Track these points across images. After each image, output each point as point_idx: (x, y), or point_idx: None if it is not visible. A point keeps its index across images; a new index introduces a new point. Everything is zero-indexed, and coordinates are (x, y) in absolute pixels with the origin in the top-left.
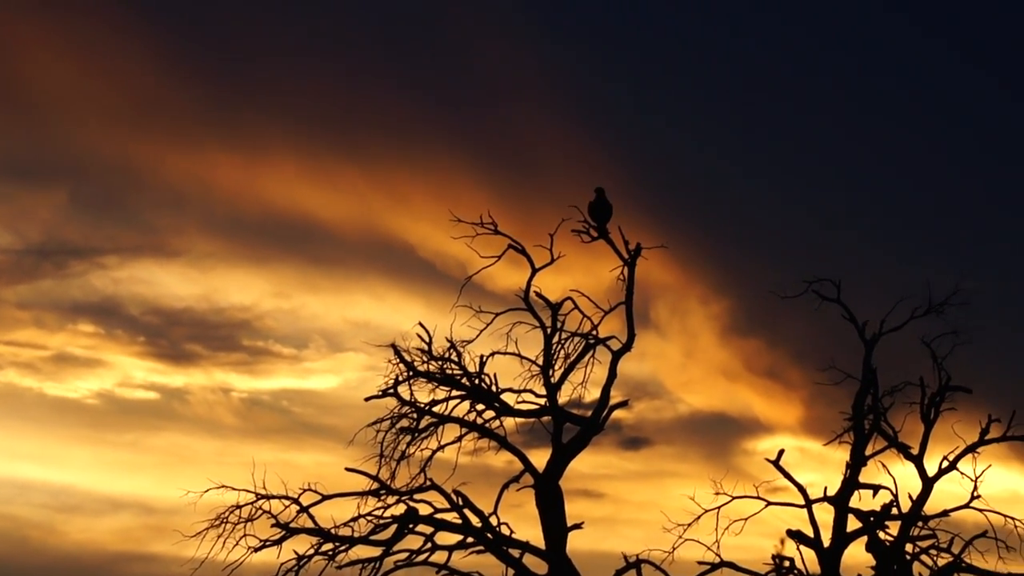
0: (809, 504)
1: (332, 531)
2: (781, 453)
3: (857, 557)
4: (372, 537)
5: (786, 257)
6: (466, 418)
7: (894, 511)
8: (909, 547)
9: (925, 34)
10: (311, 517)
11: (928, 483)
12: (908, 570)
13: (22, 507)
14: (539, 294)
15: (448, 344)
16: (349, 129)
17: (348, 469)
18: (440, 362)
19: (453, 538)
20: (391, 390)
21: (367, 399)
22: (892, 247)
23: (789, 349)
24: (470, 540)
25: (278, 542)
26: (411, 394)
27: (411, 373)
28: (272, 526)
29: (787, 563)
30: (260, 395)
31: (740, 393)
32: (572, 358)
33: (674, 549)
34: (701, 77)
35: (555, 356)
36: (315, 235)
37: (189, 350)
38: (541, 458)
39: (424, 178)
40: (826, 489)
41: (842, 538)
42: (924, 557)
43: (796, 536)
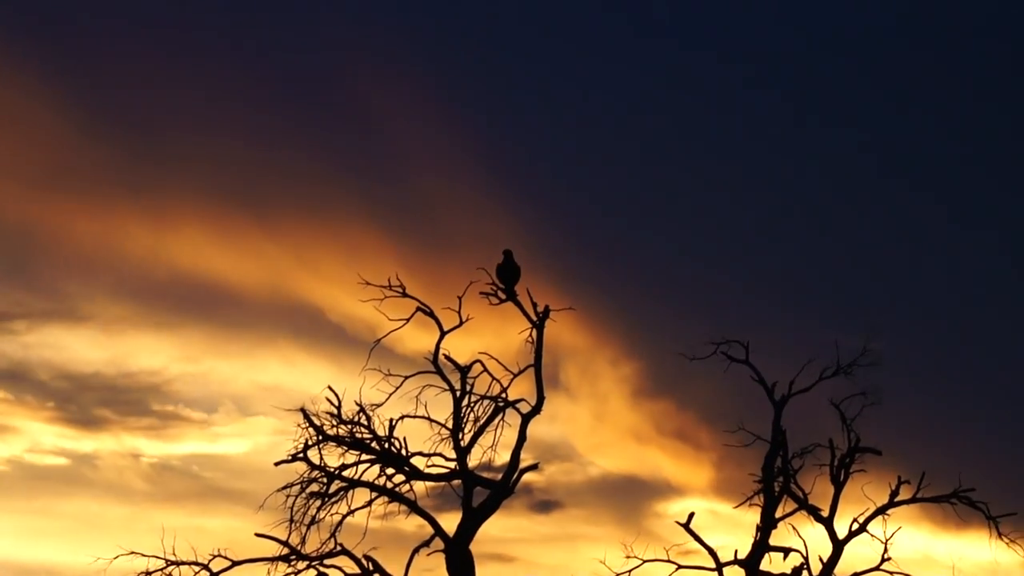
0: (720, 567)
1: None
2: (691, 516)
3: None
4: None
5: (695, 318)
6: (376, 482)
7: (805, 574)
8: None
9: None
10: None
11: (839, 545)
12: None
13: None
14: (448, 357)
15: (357, 408)
16: (257, 193)
17: (258, 535)
18: (349, 426)
19: None
20: (301, 454)
21: (277, 464)
22: (800, 308)
23: (699, 411)
24: None
25: None
26: (321, 458)
27: (321, 437)
28: None
29: None
30: (170, 460)
31: (650, 455)
32: (482, 421)
33: None
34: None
35: (465, 419)
36: (224, 299)
37: (99, 415)
38: (452, 522)
39: (332, 241)
40: (736, 552)
41: None
42: None
43: None
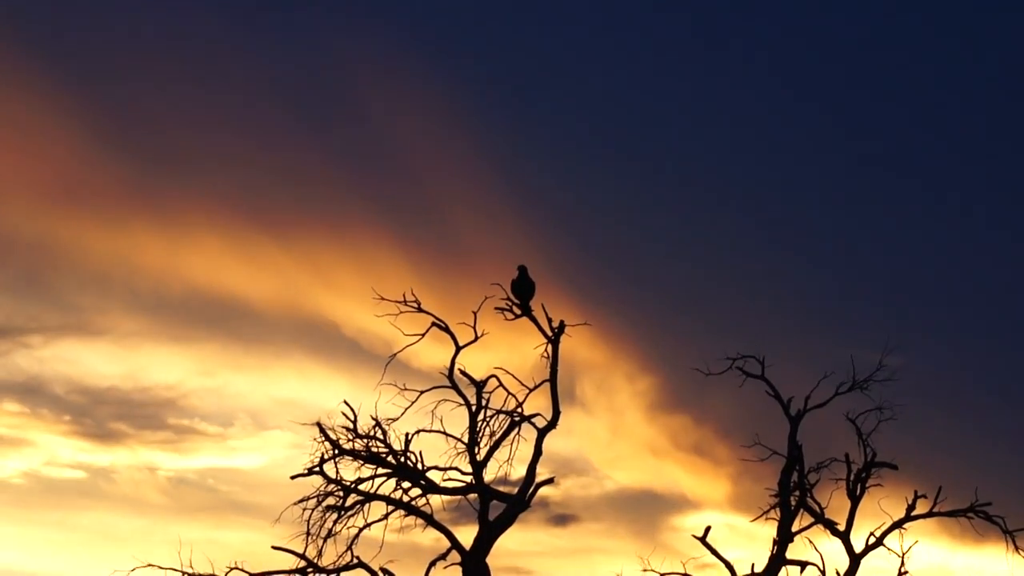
0: None
1: None
2: (708, 530)
3: None
4: None
5: (711, 334)
6: (392, 496)
7: None
8: None
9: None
10: None
11: (855, 559)
12: None
13: None
14: (463, 372)
15: (373, 422)
16: (273, 208)
17: (275, 547)
18: (365, 440)
19: None
20: (317, 468)
21: (293, 477)
22: (816, 324)
23: (715, 426)
24: None
25: None
26: (337, 472)
27: (336, 451)
28: None
29: None
30: (186, 473)
31: (667, 470)
32: (497, 435)
33: None
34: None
35: (480, 434)
36: (240, 313)
37: (115, 429)
38: (468, 535)
39: (348, 256)
40: (753, 566)
41: None
42: None
43: None
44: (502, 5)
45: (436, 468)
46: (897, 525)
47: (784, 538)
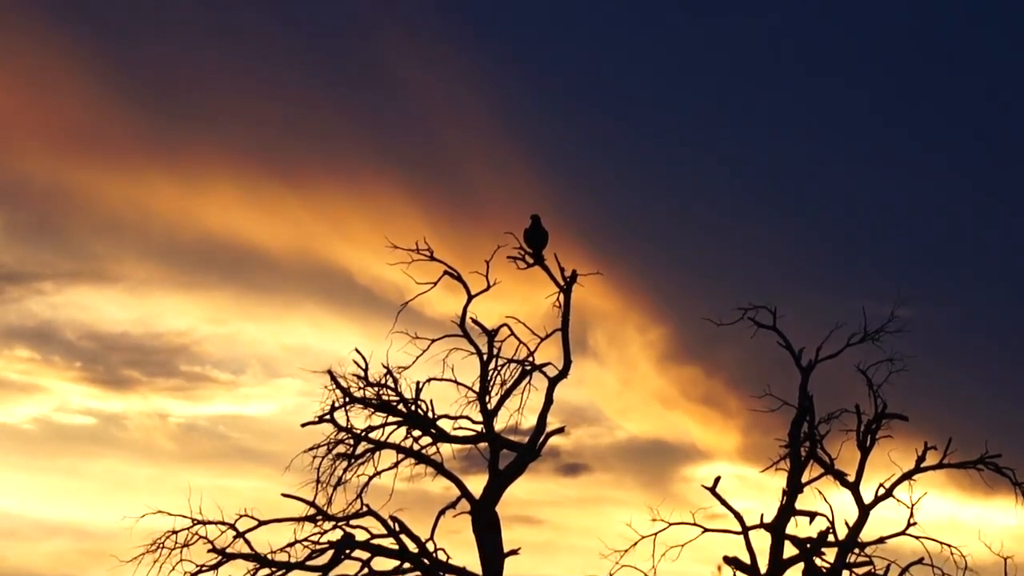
0: (746, 531)
1: (269, 556)
2: (717, 480)
3: None
4: (309, 563)
5: (723, 284)
6: (403, 444)
7: (831, 538)
8: (846, 574)
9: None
10: (247, 543)
11: (864, 510)
12: None
13: None
14: (475, 321)
15: (384, 370)
16: (288, 156)
17: (284, 495)
18: (376, 388)
19: (390, 564)
20: (327, 416)
21: (304, 425)
22: (827, 275)
23: (726, 376)
24: (407, 566)
25: (214, 567)
26: (348, 420)
27: (347, 399)
28: (208, 551)
29: None
30: (197, 420)
31: (678, 420)
32: (508, 384)
33: (611, 575)
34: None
35: (491, 383)
36: (253, 261)
37: (126, 375)
38: (478, 484)
39: (361, 204)
40: (763, 516)
41: (779, 565)
42: None
43: (733, 563)
44: None
45: (447, 417)
46: (907, 477)
47: (794, 489)
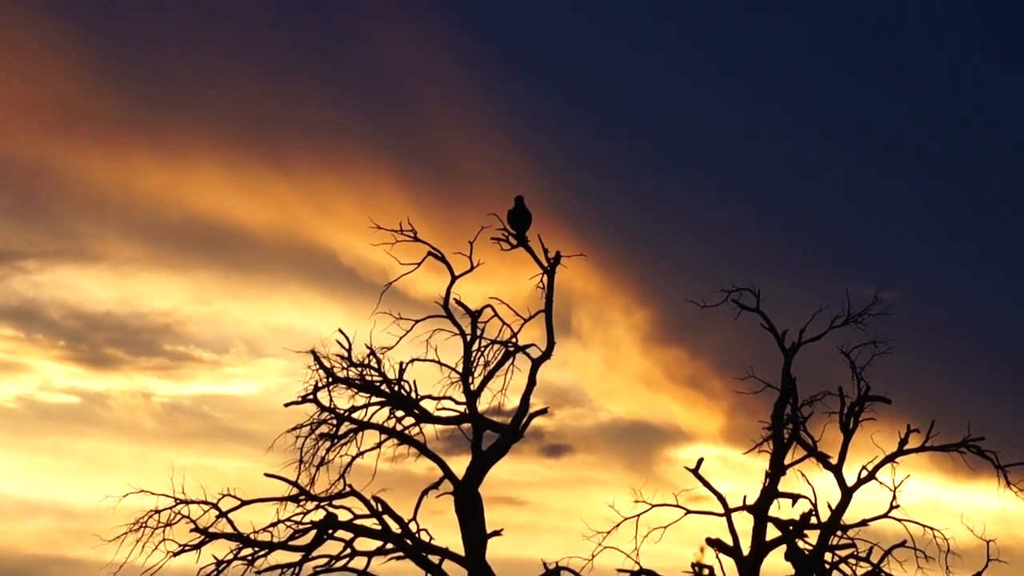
0: (728, 513)
1: (251, 536)
2: (700, 462)
3: (777, 566)
4: (291, 543)
5: (707, 266)
6: (386, 425)
7: (813, 520)
8: (828, 556)
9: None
10: (230, 522)
11: (847, 492)
12: None
13: None
14: (459, 301)
15: (368, 351)
16: (272, 136)
17: (267, 475)
18: (360, 368)
19: (372, 544)
20: (310, 396)
21: (287, 405)
22: (811, 257)
23: (710, 358)
24: (389, 546)
25: (197, 547)
26: (331, 400)
27: (331, 379)
28: (191, 531)
29: (706, 571)
30: (181, 400)
31: (661, 402)
32: (492, 365)
33: (593, 557)
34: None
35: (475, 363)
36: (237, 241)
37: (110, 355)
38: (461, 465)
39: (346, 185)
40: (745, 498)
41: (761, 547)
42: (843, 566)
43: (715, 544)
44: None
45: (430, 397)
46: (889, 459)
47: (776, 471)
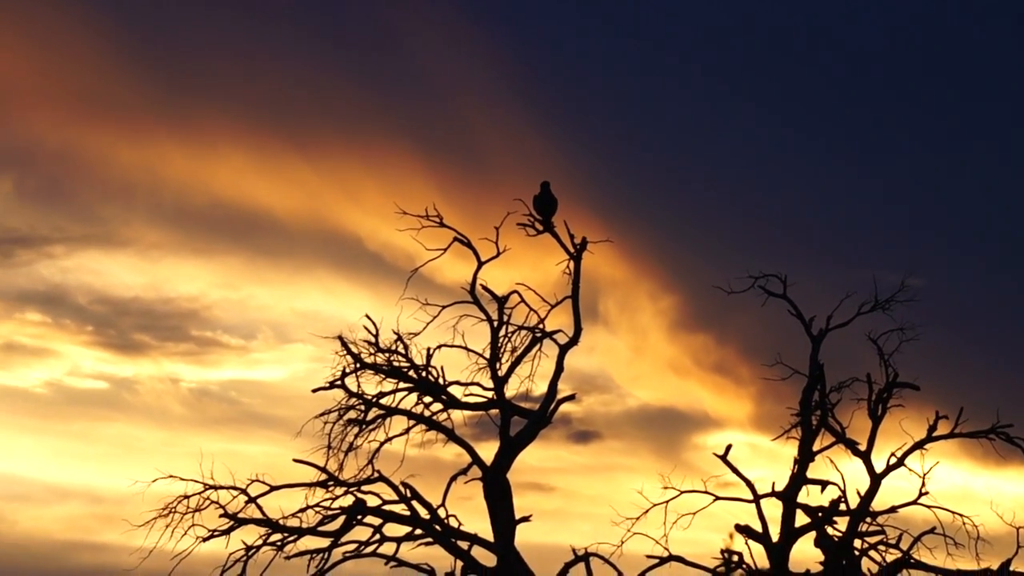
0: (757, 499)
1: (280, 522)
2: (729, 448)
3: (806, 552)
4: (320, 528)
5: (734, 252)
6: (413, 410)
7: (842, 507)
8: (858, 543)
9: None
10: (259, 508)
11: (876, 479)
12: (856, 566)
13: None
14: (485, 287)
15: (395, 336)
16: (298, 122)
17: (296, 460)
18: (387, 354)
19: (401, 530)
20: (338, 382)
21: (314, 391)
22: (838, 243)
23: (737, 345)
24: (418, 532)
25: (226, 532)
26: (358, 386)
27: (358, 365)
28: (220, 516)
29: (735, 557)
30: (208, 385)
31: (690, 388)
32: (519, 351)
33: (622, 543)
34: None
35: (502, 349)
36: (263, 226)
37: (137, 340)
38: (489, 451)
39: (372, 170)
40: (774, 484)
41: (790, 533)
42: (872, 553)
43: (744, 531)
44: None
45: (457, 383)
46: (918, 446)
47: (805, 457)
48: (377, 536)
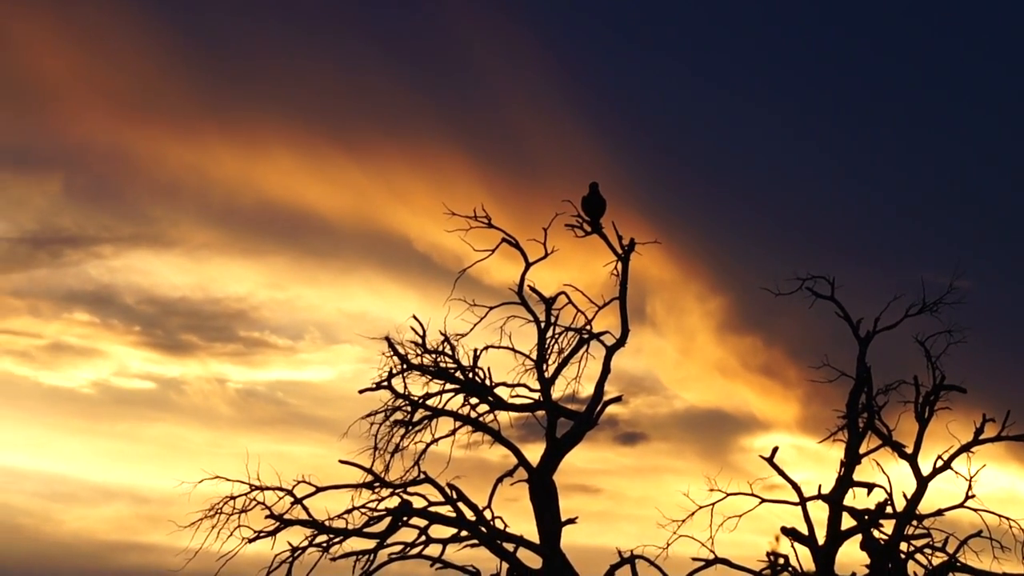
0: (803, 502)
1: (326, 523)
2: (775, 451)
3: (852, 555)
4: (366, 529)
5: (782, 253)
6: (460, 412)
7: (888, 510)
8: (904, 546)
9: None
10: (305, 509)
11: (922, 482)
12: (903, 569)
13: (15, 495)
14: (533, 288)
15: (442, 337)
16: (347, 122)
17: (342, 461)
18: (434, 355)
19: (447, 531)
20: (385, 383)
21: (361, 391)
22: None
23: (785, 347)
24: (464, 534)
25: (272, 533)
26: (405, 387)
27: (405, 366)
28: (266, 517)
29: (781, 560)
30: (255, 386)
31: (736, 390)
32: (566, 353)
33: (668, 545)
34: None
35: (549, 351)
36: (311, 227)
37: (185, 340)
38: (535, 452)
39: (420, 170)
40: (820, 487)
41: (836, 536)
42: (919, 556)
43: (790, 533)
44: None
45: (504, 384)
46: (965, 449)
47: (851, 460)
48: (423, 538)
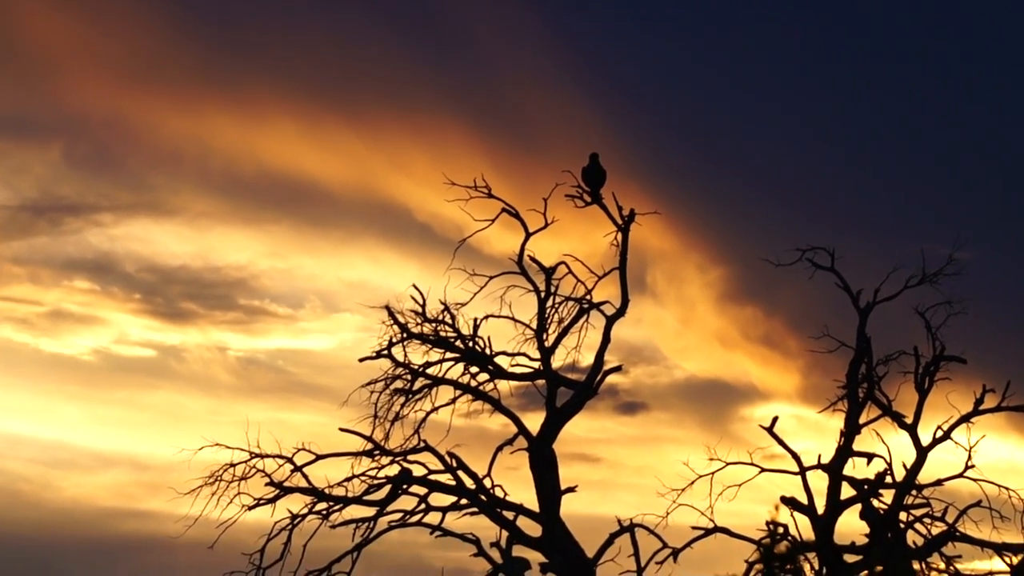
0: (803, 471)
1: (326, 491)
2: (775, 420)
3: (851, 525)
4: (366, 497)
5: (782, 224)
6: (460, 380)
7: (888, 480)
8: (903, 515)
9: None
10: (305, 476)
11: (922, 452)
12: (902, 538)
13: (15, 462)
14: (533, 258)
15: (442, 306)
16: (348, 91)
17: (342, 429)
18: (434, 324)
19: (447, 499)
20: (385, 351)
21: (361, 360)
22: (886, 216)
23: (785, 317)
24: (464, 502)
25: (272, 501)
26: (405, 356)
27: (405, 335)
28: (266, 485)
29: (781, 529)
30: (256, 354)
31: (736, 360)
32: (566, 322)
33: (668, 514)
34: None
35: (549, 320)
36: (312, 196)
37: (185, 308)
38: (535, 421)
39: (421, 140)
40: (820, 457)
41: (836, 505)
42: (918, 526)
43: (790, 503)
44: None
45: (504, 353)
46: (965, 419)
47: (851, 430)
48: (423, 506)
